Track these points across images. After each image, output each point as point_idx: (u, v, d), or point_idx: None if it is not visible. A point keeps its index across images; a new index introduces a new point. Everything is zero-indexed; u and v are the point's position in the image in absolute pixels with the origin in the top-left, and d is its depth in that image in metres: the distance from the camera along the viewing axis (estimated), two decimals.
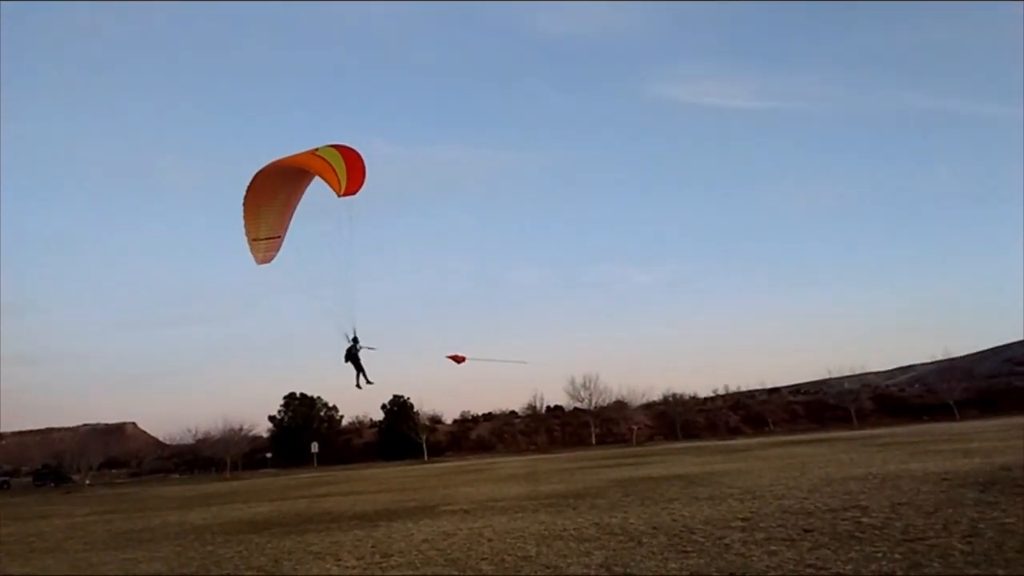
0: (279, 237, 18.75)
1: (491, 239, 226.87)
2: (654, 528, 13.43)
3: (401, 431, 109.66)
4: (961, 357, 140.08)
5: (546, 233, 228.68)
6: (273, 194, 18.19)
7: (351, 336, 19.32)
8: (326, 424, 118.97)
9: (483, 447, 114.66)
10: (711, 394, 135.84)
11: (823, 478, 20.81)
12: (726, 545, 11.03)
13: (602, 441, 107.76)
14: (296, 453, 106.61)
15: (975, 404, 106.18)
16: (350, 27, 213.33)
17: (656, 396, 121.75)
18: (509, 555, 11.81)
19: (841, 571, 8.68)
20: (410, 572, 11.20)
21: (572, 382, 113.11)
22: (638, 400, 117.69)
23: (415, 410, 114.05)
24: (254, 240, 18.39)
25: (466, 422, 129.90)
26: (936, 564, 8.59)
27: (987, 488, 15.17)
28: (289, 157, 17.77)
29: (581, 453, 73.54)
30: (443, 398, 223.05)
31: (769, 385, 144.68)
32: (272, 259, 18.92)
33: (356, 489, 35.84)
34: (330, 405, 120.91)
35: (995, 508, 12.37)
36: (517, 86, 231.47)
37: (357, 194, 16.83)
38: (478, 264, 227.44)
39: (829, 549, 10.04)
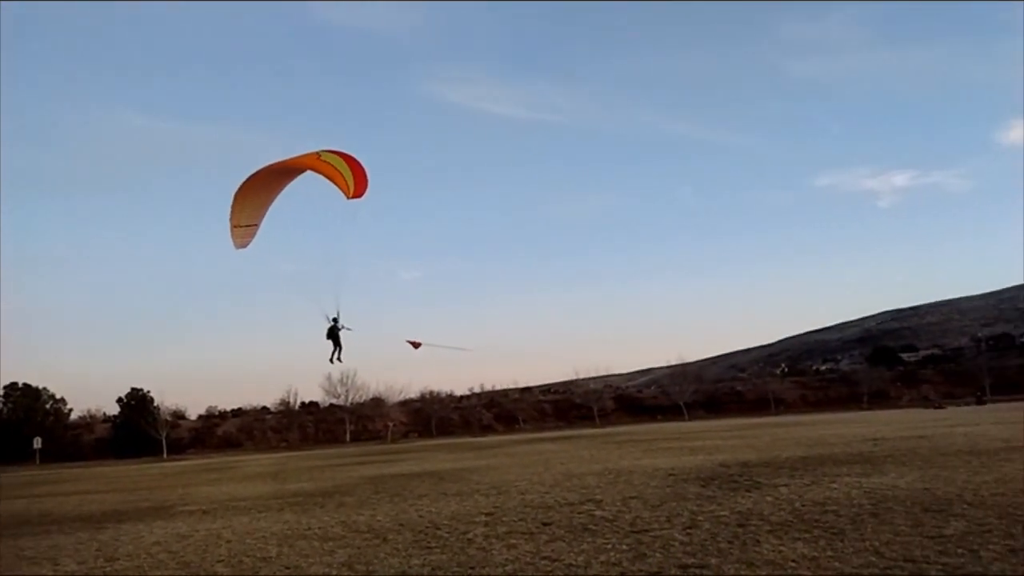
0: (255, 225, 19.77)
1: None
2: (400, 525, 13.47)
3: (138, 427, 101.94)
4: (693, 362, 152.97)
5: (310, 222, 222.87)
6: (263, 188, 19.14)
7: (331, 316, 20.70)
8: (52, 417, 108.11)
9: (230, 444, 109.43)
10: (467, 392, 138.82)
11: (564, 473, 21.87)
12: (469, 540, 11.27)
13: (357, 438, 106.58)
14: (16, 449, 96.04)
15: (703, 405, 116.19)
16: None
17: (414, 393, 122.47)
18: (248, 556, 11.37)
19: (573, 562, 9.13)
20: None
21: (329, 378, 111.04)
22: (395, 397, 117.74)
23: (155, 404, 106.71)
24: (235, 226, 19.33)
25: (212, 418, 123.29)
26: (658, 554, 9.25)
27: (707, 483, 16.61)
28: (296, 158, 18.77)
29: (334, 450, 72.39)
30: (188, 391, 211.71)
31: (522, 384, 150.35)
32: (248, 245, 19.95)
33: (83, 488, 33.04)
34: (57, 397, 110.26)
35: (713, 502, 13.56)
36: (291, 71, 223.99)
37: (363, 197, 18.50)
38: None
39: (564, 541, 10.54)
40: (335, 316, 20.72)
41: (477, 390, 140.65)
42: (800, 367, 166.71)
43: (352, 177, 18.32)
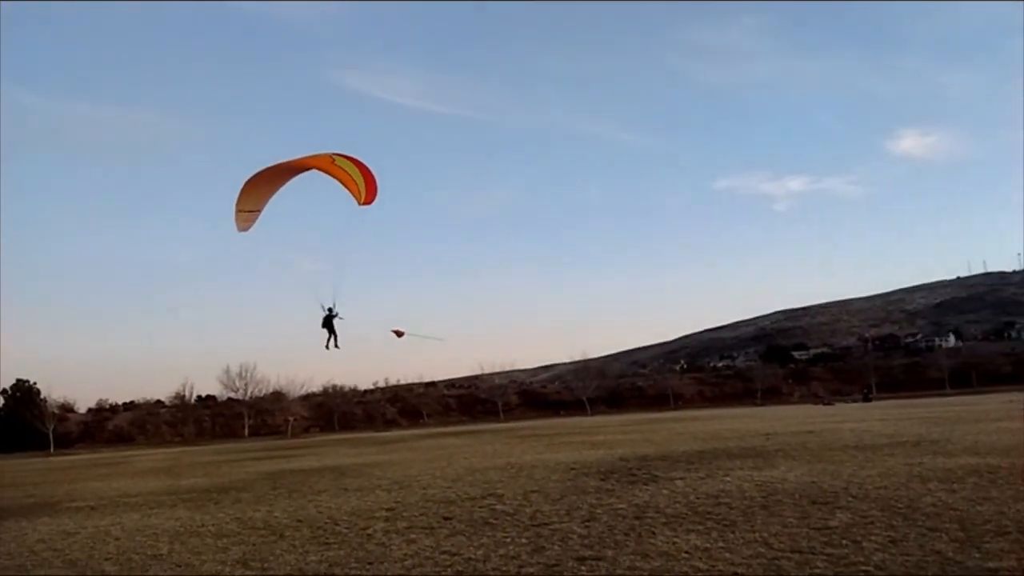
0: (258, 211, 20.36)
1: (143, 212, 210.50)
2: (298, 521, 13.23)
3: (24, 419, 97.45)
4: (596, 359, 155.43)
5: (209, 209, 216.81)
6: (271, 180, 19.68)
7: (327, 306, 21.85)
8: None
9: (122, 439, 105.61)
10: (371, 386, 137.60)
11: (467, 468, 21.87)
12: (368, 535, 11.15)
13: (256, 433, 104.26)
14: None
15: (605, 400, 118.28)
16: None
17: (316, 388, 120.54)
18: (137, 554, 10.98)
19: (472, 556, 9.13)
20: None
21: (227, 371, 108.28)
22: (297, 391, 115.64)
23: (42, 396, 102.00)
24: (240, 211, 19.90)
25: (103, 411, 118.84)
26: (556, 547, 9.33)
27: (607, 477, 16.86)
28: (310, 157, 19.23)
29: (232, 445, 70.69)
30: (78, 383, 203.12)
31: (426, 379, 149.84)
32: (248, 229, 20.54)
33: None
34: None
35: (611, 495, 13.77)
36: (195, 55, 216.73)
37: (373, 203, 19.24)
38: (123, 238, 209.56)
39: (464, 536, 10.53)
40: (331, 306, 21.88)
41: (381, 384, 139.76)
42: (698, 364, 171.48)
43: (364, 184, 18.91)
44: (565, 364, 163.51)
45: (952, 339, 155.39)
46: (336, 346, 22.61)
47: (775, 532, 9.35)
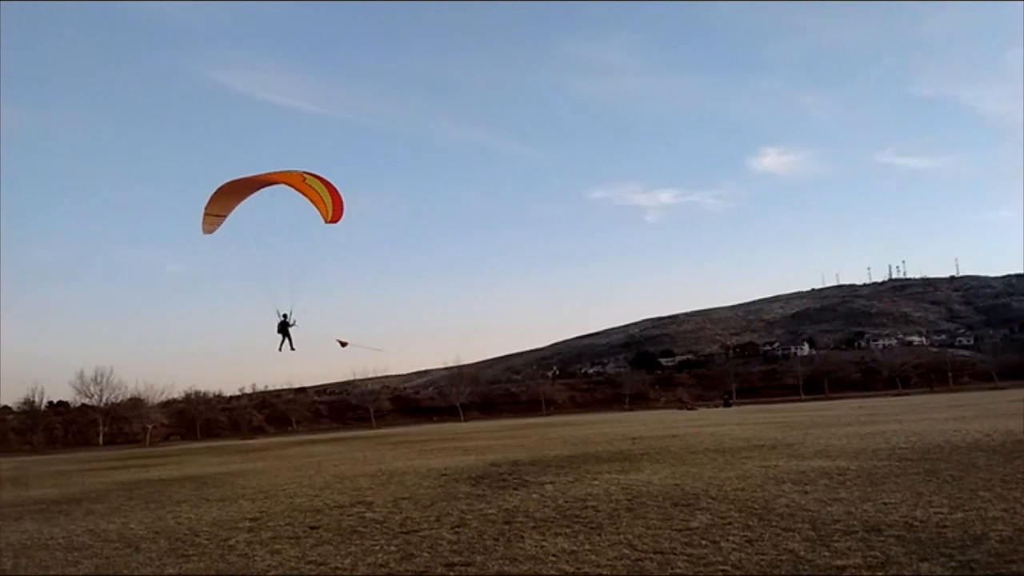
0: (222, 216, 21.23)
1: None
2: (156, 533, 12.66)
3: None
4: (470, 364, 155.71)
5: (71, 209, 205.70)
6: (240, 189, 20.62)
7: (283, 313, 22.26)
8: None
9: None
10: (237, 392, 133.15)
11: (336, 476, 21.49)
12: (230, 546, 10.77)
13: (112, 441, 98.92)
14: None
15: (478, 406, 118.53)
16: None
17: (177, 393, 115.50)
18: None
19: (340, 565, 8.96)
20: None
21: (81, 376, 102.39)
22: (157, 397, 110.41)
23: None
24: (207, 214, 20.90)
25: None
26: (426, 554, 9.28)
27: (478, 482, 16.91)
28: (281, 173, 20.33)
29: (85, 454, 66.87)
30: None
31: (296, 385, 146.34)
32: (213, 232, 21.45)
33: None
34: None
35: (482, 500, 13.82)
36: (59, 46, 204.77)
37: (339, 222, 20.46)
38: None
39: (332, 545, 10.32)
40: (286, 313, 22.27)
41: (248, 390, 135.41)
42: (570, 370, 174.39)
43: (332, 204, 20.09)
44: (439, 370, 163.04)
45: (806, 347, 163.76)
46: (292, 348, 22.98)
47: (639, 534, 9.60)
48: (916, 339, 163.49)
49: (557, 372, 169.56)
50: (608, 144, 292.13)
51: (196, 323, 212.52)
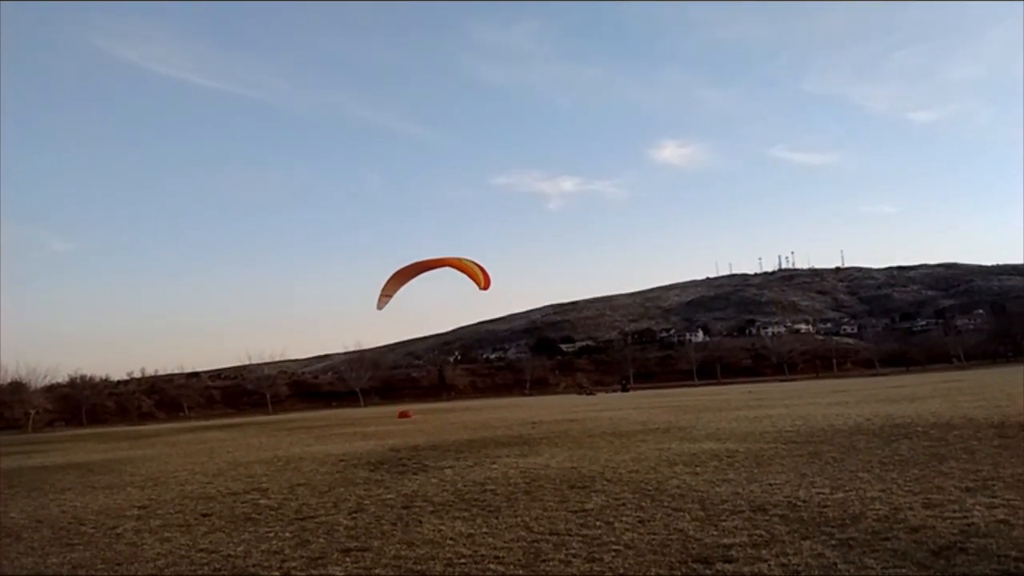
0: (391, 296, 26.82)
1: None
2: (38, 521, 12.17)
3: None
4: (371, 349, 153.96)
5: None
6: (411, 273, 26.86)
7: None
8: None
9: None
10: (125, 377, 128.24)
11: (230, 462, 21.03)
12: (118, 535, 10.43)
13: None
14: None
15: (379, 391, 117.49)
16: None
17: (61, 377, 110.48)
18: None
19: (232, 553, 8.78)
20: None
21: None
22: (39, 382, 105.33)
23: None
24: (383, 295, 26.62)
25: None
26: (322, 540, 9.18)
27: (377, 468, 16.83)
28: (445, 259, 27.27)
29: None
30: None
31: (188, 369, 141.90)
32: (383, 308, 27.04)
33: None
34: None
35: (380, 486, 13.76)
36: None
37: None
38: None
39: (224, 532, 10.11)
40: None
41: (137, 375, 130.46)
42: (472, 355, 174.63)
43: (483, 276, 26.60)
44: (340, 355, 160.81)
45: (701, 334, 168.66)
46: None
47: (536, 516, 9.75)
48: (803, 327, 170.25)
49: (459, 357, 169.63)
50: (512, 130, 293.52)
51: (82, 304, 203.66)
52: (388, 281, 26.37)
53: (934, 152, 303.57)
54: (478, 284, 26.31)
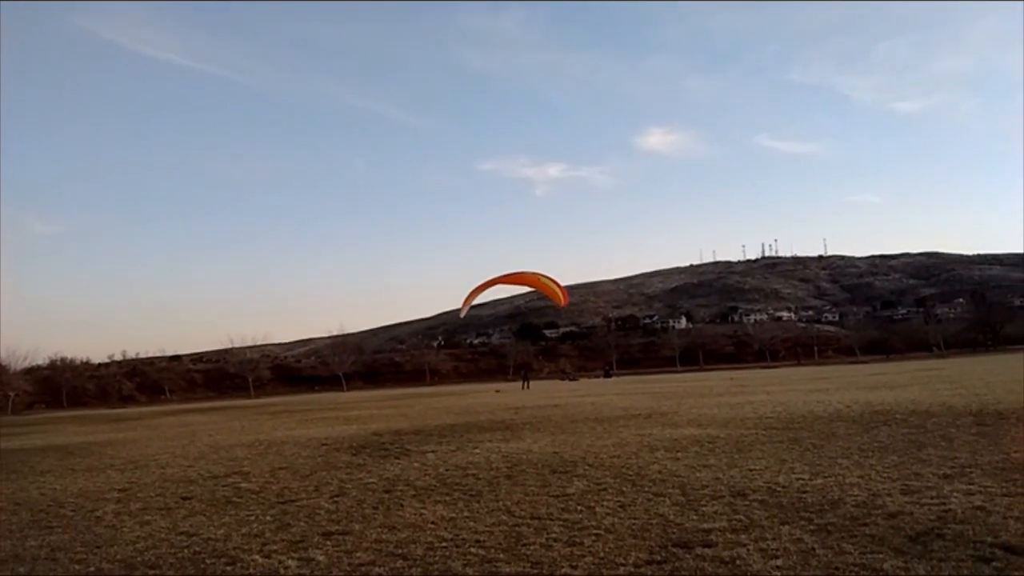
0: (470, 304, 30.77)
1: None
2: (16, 504, 12.08)
3: None
4: (354, 333, 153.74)
5: None
6: (490, 285, 29.04)
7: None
8: None
9: None
10: (106, 359, 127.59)
11: (211, 446, 20.95)
12: (97, 518, 10.38)
13: None
14: None
15: (362, 376, 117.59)
16: None
17: (42, 360, 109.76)
18: None
19: (212, 536, 8.75)
20: None
21: None
22: (19, 364, 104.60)
23: None
24: (466, 304, 30.79)
25: None
26: (303, 523, 9.17)
27: (359, 452, 16.81)
28: (525, 274, 29.48)
29: None
30: None
31: (170, 353, 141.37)
32: (464, 313, 33.25)
33: None
34: None
35: (362, 470, 13.74)
36: None
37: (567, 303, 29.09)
38: None
39: (204, 515, 10.07)
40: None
41: (118, 357, 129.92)
42: (456, 340, 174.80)
43: (561, 293, 28.97)
44: (323, 339, 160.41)
45: (684, 321, 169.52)
46: None
47: (517, 500, 9.77)
48: (786, 315, 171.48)
49: (442, 342, 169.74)
50: (498, 116, 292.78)
51: (63, 287, 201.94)
52: (471, 292, 29.23)
53: (918, 142, 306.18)
54: (557, 302, 29.23)
